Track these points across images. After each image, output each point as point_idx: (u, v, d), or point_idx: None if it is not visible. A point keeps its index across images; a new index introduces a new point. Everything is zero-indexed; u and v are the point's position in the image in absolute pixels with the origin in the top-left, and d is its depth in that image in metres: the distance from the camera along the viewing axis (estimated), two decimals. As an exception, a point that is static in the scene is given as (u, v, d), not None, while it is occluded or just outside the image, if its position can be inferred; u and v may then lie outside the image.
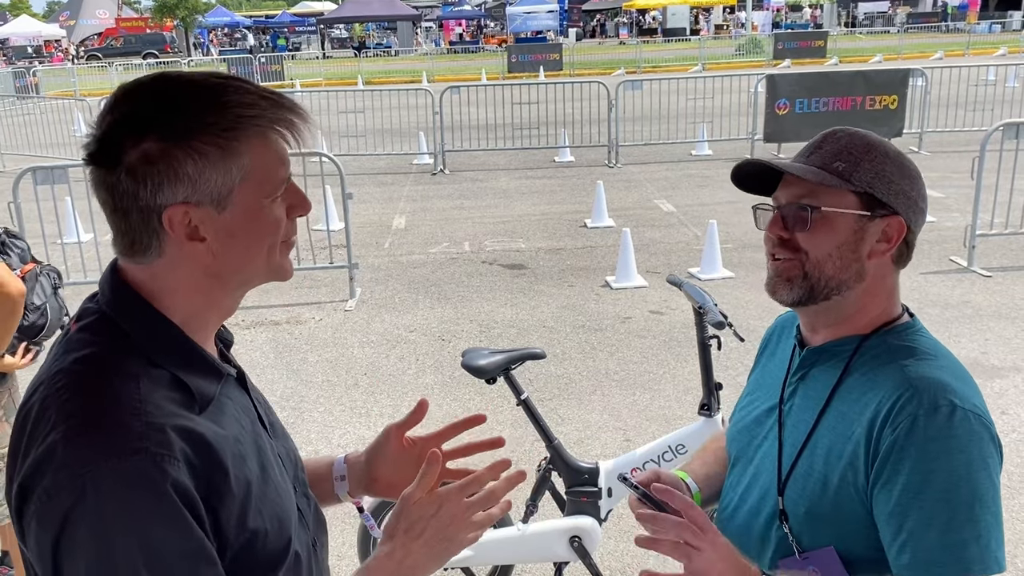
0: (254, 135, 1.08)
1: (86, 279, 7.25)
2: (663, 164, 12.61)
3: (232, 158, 1.07)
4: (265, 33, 54.35)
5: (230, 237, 1.10)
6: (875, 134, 1.43)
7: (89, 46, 47.77)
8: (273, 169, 1.11)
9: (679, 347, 5.79)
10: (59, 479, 0.97)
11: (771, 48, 30.60)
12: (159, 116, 1.05)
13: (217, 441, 1.06)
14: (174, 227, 1.06)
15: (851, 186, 1.35)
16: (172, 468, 0.99)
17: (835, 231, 1.36)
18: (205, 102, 1.06)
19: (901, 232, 1.37)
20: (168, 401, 1.06)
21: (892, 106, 12.49)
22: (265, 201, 1.11)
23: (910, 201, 1.38)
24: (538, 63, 28.62)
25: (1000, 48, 29.58)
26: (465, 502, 1.25)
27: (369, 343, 6.15)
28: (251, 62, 28.36)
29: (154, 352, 1.08)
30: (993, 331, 5.86)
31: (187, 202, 1.06)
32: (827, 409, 1.38)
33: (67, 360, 1.07)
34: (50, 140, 14.99)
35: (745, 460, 1.54)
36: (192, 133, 1.04)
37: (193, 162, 1.04)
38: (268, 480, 1.15)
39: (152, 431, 1.00)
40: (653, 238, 8.58)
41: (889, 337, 1.39)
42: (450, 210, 10.28)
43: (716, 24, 49.71)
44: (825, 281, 1.37)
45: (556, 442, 3.21)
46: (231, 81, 1.10)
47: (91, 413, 1.01)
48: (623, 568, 3.56)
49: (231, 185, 1.08)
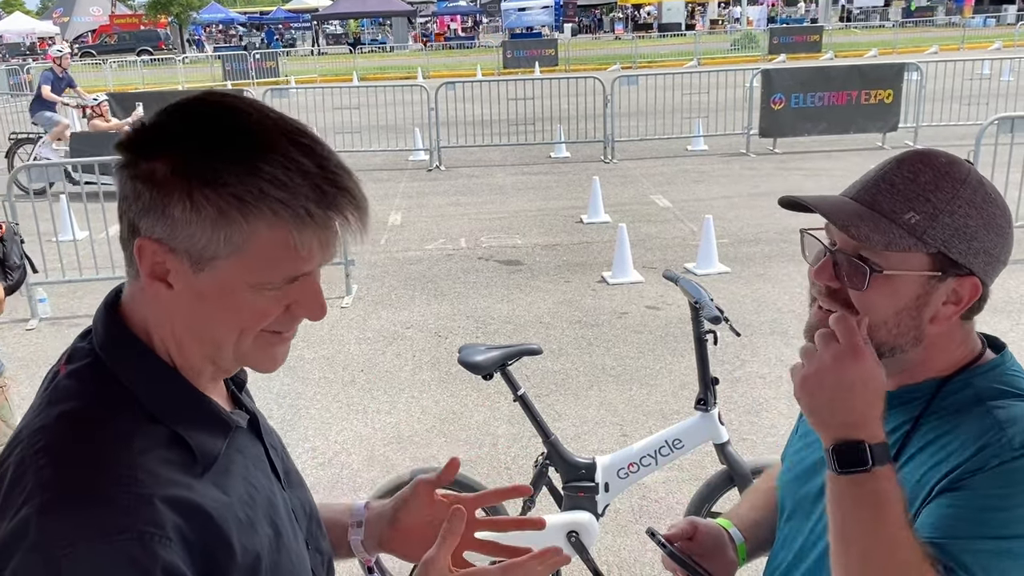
0: (267, 219, 0.91)
1: (81, 276, 7.24)
2: (659, 159, 12.61)
3: (227, 227, 0.91)
4: (260, 30, 54.24)
5: (199, 299, 0.95)
6: (965, 165, 1.15)
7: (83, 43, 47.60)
8: (277, 262, 0.94)
9: (675, 342, 5.79)
10: (30, 560, 0.84)
11: (766, 43, 30.61)
12: (184, 143, 0.92)
13: (218, 511, 0.95)
14: (142, 259, 0.94)
15: (924, 247, 1.11)
16: (163, 550, 0.87)
17: (896, 295, 1.13)
18: (237, 155, 0.91)
19: (975, 294, 1.14)
20: (164, 465, 0.93)
21: (887, 100, 12.51)
22: (247, 287, 0.94)
23: (991, 258, 1.14)
24: (533, 59, 28.61)
25: (995, 42, 29.59)
26: None
27: (366, 340, 6.14)
28: (246, 59, 28.29)
29: (151, 403, 0.96)
30: (989, 325, 5.80)
31: (161, 242, 0.93)
32: (899, 457, 1.17)
33: (52, 414, 0.94)
34: (44, 138, 14.93)
35: (802, 514, 1.32)
36: (203, 180, 0.90)
37: (183, 209, 0.91)
38: (282, 546, 1.04)
39: (142, 506, 0.88)
40: (649, 233, 8.58)
41: (974, 378, 1.18)
42: (446, 206, 10.27)
43: (711, 19, 49.68)
44: (877, 346, 1.14)
45: (553, 438, 3.21)
46: (291, 147, 0.92)
47: (72, 483, 0.88)
48: (620, 563, 3.57)
49: (215, 253, 0.92)
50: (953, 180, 1.13)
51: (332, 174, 0.94)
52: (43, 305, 6.84)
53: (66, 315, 6.87)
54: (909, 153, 1.17)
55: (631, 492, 3.87)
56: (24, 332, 6.55)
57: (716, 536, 1.47)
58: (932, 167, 1.14)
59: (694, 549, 1.44)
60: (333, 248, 0.98)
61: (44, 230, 7.47)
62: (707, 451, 3.68)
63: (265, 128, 0.93)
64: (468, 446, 4.57)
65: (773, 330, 5.88)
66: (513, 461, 4.37)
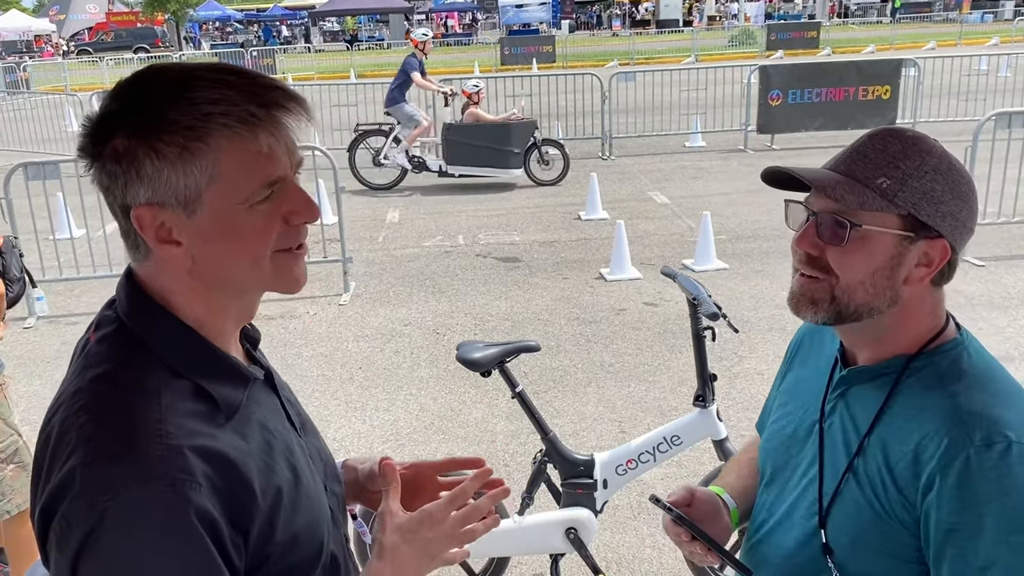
0: (221, 134, 0.99)
1: (79, 275, 7.23)
2: (657, 156, 12.61)
3: (193, 159, 0.98)
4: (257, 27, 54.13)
5: (206, 243, 1.02)
6: (932, 140, 1.27)
7: (79, 41, 47.50)
8: (249, 171, 1.01)
9: (674, 339, 5.79)
10: (77, 506, 0.95)
11: (764, 39, 30.58)
12: (130, 111, 0.99)
13: (241, 458, 1.03)
14: (144, 228, 1.01)
15: (895, 208, 1.22)
16: (195, 494, 0.96)
17: (872, 253, 1.23)
18: (171, 97, 0.98)
19: (944, 256, 1.25)
20: (191, 417, 1.01)
21: (885, 96, 12.50)
22: (240, 207, 1.01)
23: (958, 223, 1.25)
24: (531, 55, 28.56)
25: (992, 38, 29.58)
26: (452, 517, 1.20)
27: (364, 337, 6.14)
28: (242, 56, 28.25)
29: (175, 361, 1.04)
30: (986, 320, 5.87)
31: (151, 203, 1.00)
32: (870, 435, 1.27)
33: (86, 378, 1.03)
34: (41, 136, 14.92)
35: (782, 479, 1.43)
36: (155, 131, 0.98)
37: (151, 161, 0.98)
38: (300, 486, 1.11)
39: (173, 455, 0.97)
40: (647, 230, 8.58)
41: (937, 358, 1.28)
42: (444, 203, 10.26)
43: (709, 15, 49.64)
44: (855, 307, 1.26)
45: (551, 434, 3.22)
46: (210, 72, 1.01)
47: (110, 437, 0.98)
48: (619, 559, 3.57)
49: (197, 188, 1.00)
50: (920, 150, 1.25)
51: (256, 78, 1.03)
52: (40, 303, 6.83)
53: (64, 313, 6.86)
54: (880, 129, 1.29)
55: (629, 488, 3.88)
56: (22, 330, 6.54)
57: (712, 502, 1.54)
58: (900, 139, 1.26)
59: (693, 515, 1.50)
60: (294, 148, 1.05)
61: (41, 228, 7.46)
62: (706, 447, 3.69)
63: (184, 69, 1.02)
64: (466, 443, 4.57)
65: (771, 326, 5.88)
66: (511, 458, 4.38)
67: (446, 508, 1.20)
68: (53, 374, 5.60)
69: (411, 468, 1.39)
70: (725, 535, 1.53)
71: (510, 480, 4.13)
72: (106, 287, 6.65)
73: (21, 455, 2.89)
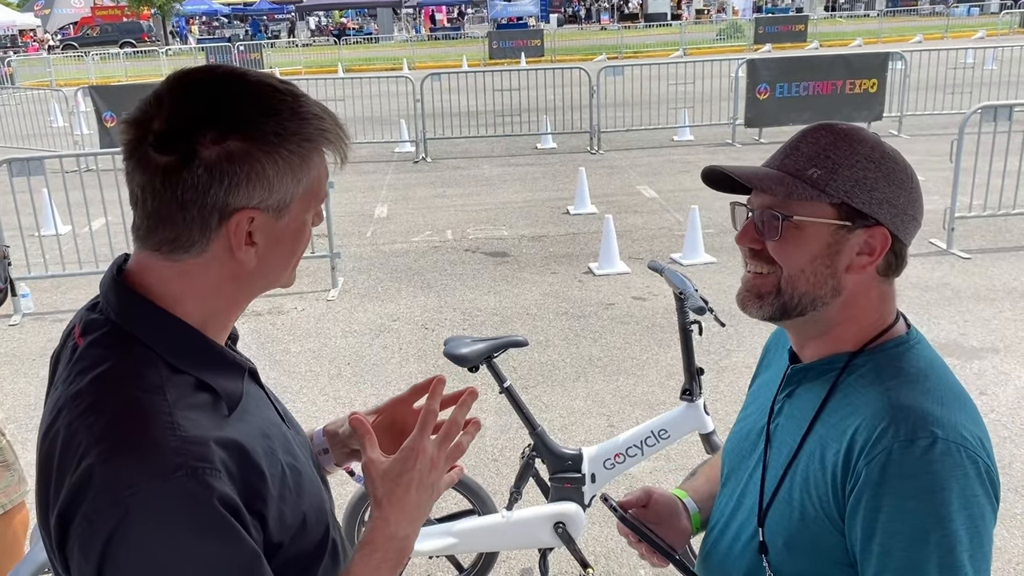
0: (321, 149, 1.09)
1: (64, 271, 7.18)
2: (645, 150, 12.62)
3: (305, 169, 1.07)
4: (244, 21, 53.84)
5: (277, 244, 1.09)
6: (865, 131, 1.29)
7: (65, 35, 47.14)
8: (323, 185, 1.13)
9: (662, 333, 5.80)
10: (100, 503, 0.94)
11: (752, 33, 30.63)
12: (243, 115, 1.03)
13: (249, 443, 1.05)
14: (236, 229, 1.05)
15: (827, 197, 1.23)
16: (216, 481, 0.97)
17: (808, 243, 1.24)
18: (287, 108, 1.05)
19: (886, 244, 1.24)
20: (197, 409, 1.03)
21: (872, 90, 12.55)
22: (308, 215, 1.12)
23: (896, 210, 1.24)
24: (519, 49, 28.51)
25: (979, 31, 29.73)
26: (433, 441, 1.20)
27: (352, 333, 6.13)
28: (230, 50, 28.10)
29: (174, 357, 1.05)
30: (972, 313, 5.91)
31: (257, 207, 1.05)
32: (809, 433, 1.27)
33: (84, 380, 1.03)
34: (26, 131, 14.80)
35: (734, 481, 1.43)
36: (279, 139, 1.03)
37: (276, 168, 1.04)
38: (300, 471, 1.14)
39: (190, 444, 0.98)
40: (635, 224, 8.59)
41: (877, 355, 1.27)
42: (432, 198, 10.24)
43: (697, 9, 49.68)
44: (798, 298, 1.26)
45: (539, 429, 3.22)
46: (296, 90, 1.09)
47: (123, 432, 0.98)
48: (607, 553, 3.58)
49: (295, 195, 1.08)
50: (851, 140, 1.25)
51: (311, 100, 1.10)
52: (26, 300, 6.79)
53: (49, 310, 6.82)
54: (813, 125, 1.30)
55: (618, 483, 3.88)
56: (7, 328, 6.50)
57: (670, 505, 1.53)
58: (832, 132, 1.27)
59: (647, 516, 1.50)
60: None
61: (26, 225, 7.41)
62: (693, 441, 3.70)
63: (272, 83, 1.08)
64: (455, 438, 4.57)
65: (758, 320, 5.89)
66: (500, 453, 4.38)
67: (421, 436, 1.19)
68: (39, 372, 5.56)
69: (384, 412, 1.40)
70: (682, 538, 1.52)
71: (499, 475, 4.13)
72: (92, 284, 6.60)
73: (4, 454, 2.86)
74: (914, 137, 12.38)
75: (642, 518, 1.49)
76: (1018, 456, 4.12)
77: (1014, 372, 4.94)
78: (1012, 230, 7.81)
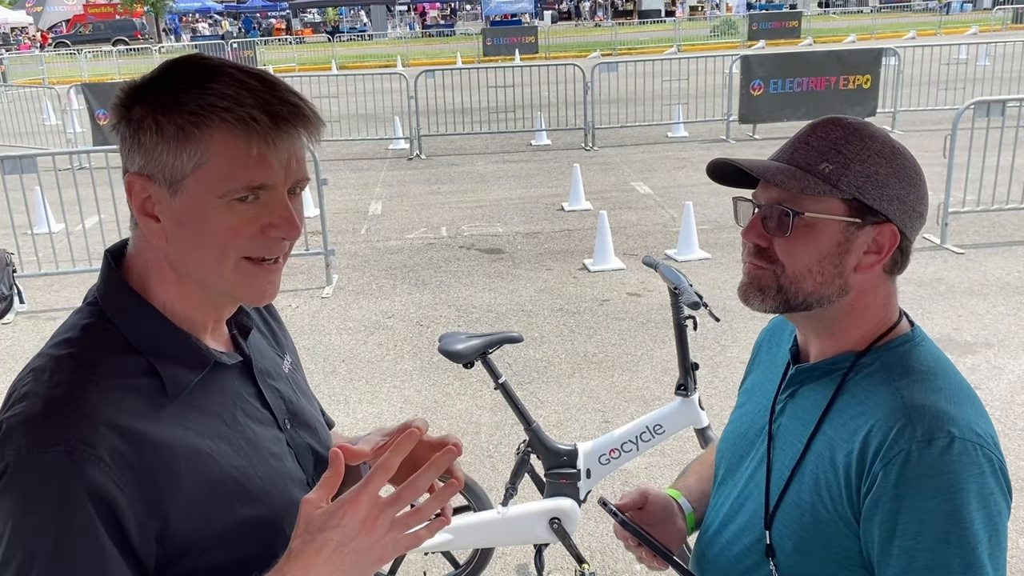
0: (217, 127, 1.02)
1: (58, 269, 7.16)
2: (639, 146, 12.62)
3: (187, 143, 1.03)
4: (237, 19, 53.69)
5: (179, 226, 1.06)
6: (874, 126, 1.26)
7: (57, 33, 46.95)
8: (234, 169, 1.03)
9: (656, 328, 5.81)
10: None
11: (746, 29, 30.66)
12: (160, 86, 1.06)
13: (168, 441, 1.03)
14: (132, 195, 1.07)
15: (839, 192, 1.19)
16: (91, 468, 0.96)
17: (818, 241, 1.21)
18: (191, 82, 1.04)
19: (894, 242, 1.22)
20: (126, 392, 1.03)
21: (865, 86, 12.56)
22: (217, 200, 1.04)
23: (905, 206, 1.22)
24: (513, 46, 28.48)
25: (972, 27, 29.78)
26: (380, 502, 1.01)
27: (347, 330, 6.13)
28: (223, 48, 28.01)
29: (134, 338, 1.07)
30: (965, 307, 5.93)
31: (142, 173, 1.06)
32: (817, 434, 1.25)
33: (52, 342, 1.09)
34: (18, 129, 14.75)
35: (733, 481, 1.40)
36: (165, 107, 1.03)
37: (151, 134, 1.04)
38: (259, 478, 1.10)
39: (83, 425, 0.98)
40: (630, 220, 8.59)
41: (884, 353, 1.24)
42: (427, 195, 10.23)
43: (691, 5, 49.65)
44: (803, 296, 1.24)
45: (534, 425, 3.22)
46: (240, 72, 1.05)
47: (39, 398, 1.01)
48: (603, 548, 3.59)
49: (183, 171, 1.04)
50: (862, 135, 1.22)
51: (279, 90, 1.06)
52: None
53: (43, 308, 6.80)
54: (822, 119, 1.27)
55: (613, 478, 3.89)
56: (0, 326, 6.48)
57: (666, 506, 1.52)
58: (842, 126, 1.24)
59: (644, 518, 1.48)
60: (295, 165, 1.07)
61: (19, 223, 7.38)
62: (688, 436, 3.71)
63: (221, 63, 1.07)
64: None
65: (753, 315, 5.90)
66: (495, 449, 4.38)
67: (360, 492, 1.00)
68: (33, 370, 5.54)
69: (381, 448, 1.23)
70: (678, 539, 1.51)
71: (494, 471, 4.14)
72: (85, 282, 6.59)
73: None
74: (907, 133, 12.40)
75: (639, 520, 1.47)
76: (1011, 450, 4.13)
77: (1007, 366, 4.97)
78: (1005, 225, 7.83)
